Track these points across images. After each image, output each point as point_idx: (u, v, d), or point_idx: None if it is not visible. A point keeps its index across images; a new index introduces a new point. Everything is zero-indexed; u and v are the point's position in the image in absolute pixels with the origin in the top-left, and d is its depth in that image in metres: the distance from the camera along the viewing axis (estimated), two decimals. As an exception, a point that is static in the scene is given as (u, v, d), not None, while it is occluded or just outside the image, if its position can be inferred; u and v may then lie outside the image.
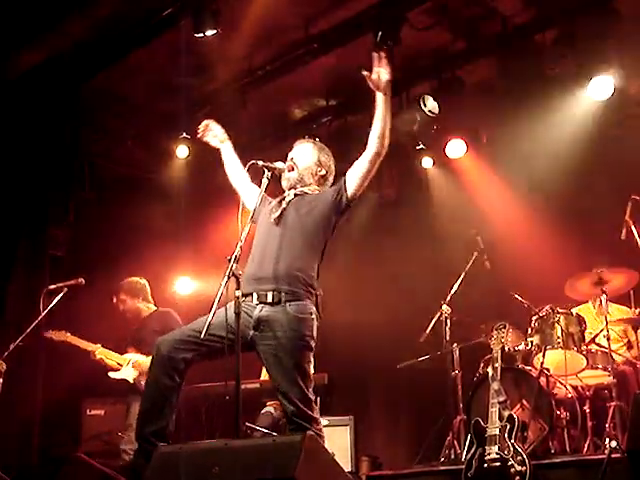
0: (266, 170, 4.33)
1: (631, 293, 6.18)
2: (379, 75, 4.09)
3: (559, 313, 6.03)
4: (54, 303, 5.93)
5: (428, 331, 6.54)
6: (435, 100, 7.23)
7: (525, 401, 5.57)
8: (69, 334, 6.21)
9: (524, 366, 5.97)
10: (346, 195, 4.28)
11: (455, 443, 6.09)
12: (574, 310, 6.31)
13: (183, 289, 8.60)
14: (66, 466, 4.50)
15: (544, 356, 5.84)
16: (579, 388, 5.95)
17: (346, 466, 6.12)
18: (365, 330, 8.50)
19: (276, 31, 6.82)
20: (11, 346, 5.77)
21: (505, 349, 5.67)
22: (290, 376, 4.06)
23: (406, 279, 8.11)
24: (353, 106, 7.65)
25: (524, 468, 4.86)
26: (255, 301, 4.16)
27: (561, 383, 5.88)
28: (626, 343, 6.30)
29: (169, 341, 4.18)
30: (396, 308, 8.06)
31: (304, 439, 3.37)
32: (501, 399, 5.20)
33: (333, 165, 4.54)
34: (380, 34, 6.29)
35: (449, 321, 6.48)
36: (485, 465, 5.00)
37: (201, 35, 6.12)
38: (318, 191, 4.45)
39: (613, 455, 4.72)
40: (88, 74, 7.14)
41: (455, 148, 7.81)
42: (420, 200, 8.40)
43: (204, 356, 4.16)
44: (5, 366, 5.71)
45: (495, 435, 5.05)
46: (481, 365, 6.32)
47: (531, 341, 6.07)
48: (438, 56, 7.25)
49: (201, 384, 6.25)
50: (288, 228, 4.28)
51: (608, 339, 5.78)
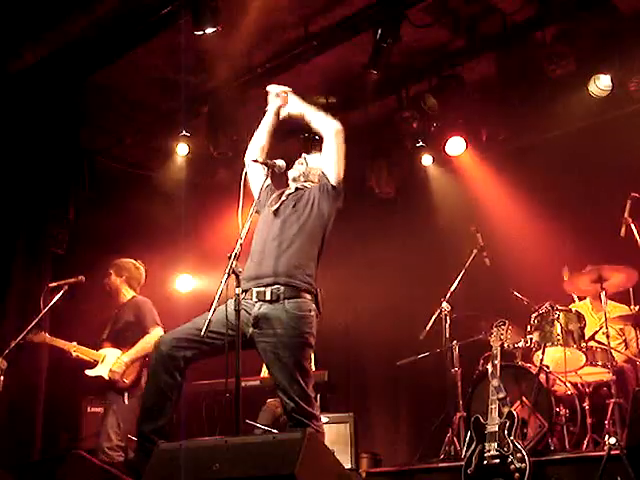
0: (265, 167, 4.40)
1: (630, 291, 6.18)
2: (289, 115, 4.67)
3: (559, 310, 6.02)
4: (55, 301, 5.95)
5: (428, 328, 6.54)
6: (435, 98, 7.23)
7: (525, 398, 5.56)
8: (47, 335, 6.20)
9: (524, 363, 5.96)
10: (329, 181, 4.37)
11: (455, 440, 6.09)
12: (571, 307, 6.33)
13: (183, 287, 8.61)
14: (66, 463, 4.51)
15: (544, 353, 5.83)
16: (579, 385, 5.95)
17: (346, 463, 6.12)
18: (365, 327, 8.51)
19: (276, 29, 6.83)
20: (12, 344, 5.79)
21: (505, 346, 5.66)
22: (290, 373, 4.07)
23: (406, 277, 8.11)
24: (352, 104, 7.66)
25: (524, 465, 4.87)
26: (254, 298, 4.17)
27: (561, 380, 5.88)
28: (623, 341, 6.30)
29: (169, 339, 4.19)
30: (396, 305, 8.07)
31: (304, 436, 3.38)
32: (501, 396, 5.21)
33: None
34: (380, 32, 6.31)
35: (449, 318, 6.49)
36: (485, 462, 5.02)
37: (201, 33, 6.13)
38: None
39: (612, 452, 4.73)
40: (88, 72, 7.14)
41: (455, 146, 7.80)
42: (420, 197, 8.38)
43: (205, 354, 4.17)
44: (6, 364, 5.72)
45: (495, 432, 5.06)
46: (481, 362, 6.31)
47: (531, 338, 6.06)
48: (438, 54, 7.26)
49: (201, 381, 6.27)
50: (287, 222, 4.33)
51: (607, 336, 5.78)
